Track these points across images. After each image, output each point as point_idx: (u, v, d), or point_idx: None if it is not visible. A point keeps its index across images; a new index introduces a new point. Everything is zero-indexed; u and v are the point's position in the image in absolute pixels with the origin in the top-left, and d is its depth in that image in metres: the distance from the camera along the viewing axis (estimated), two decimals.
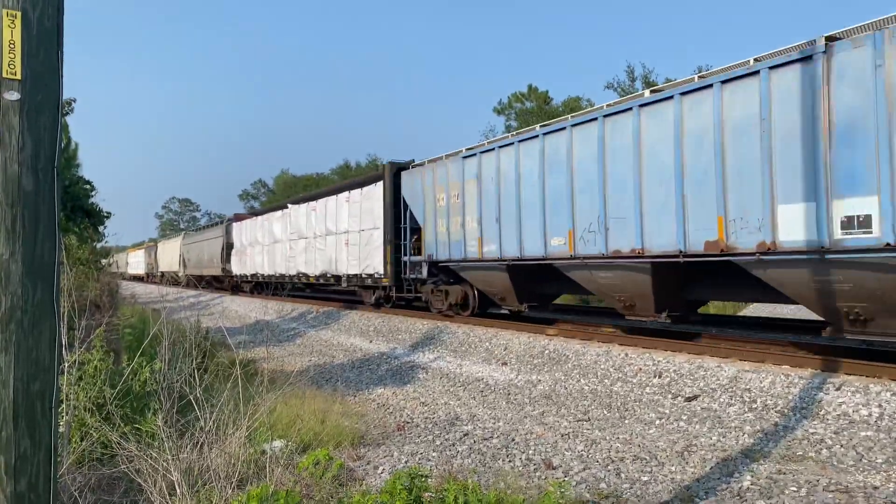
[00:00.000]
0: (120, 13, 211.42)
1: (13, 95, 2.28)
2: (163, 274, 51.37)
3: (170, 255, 47.97)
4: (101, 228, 16.46)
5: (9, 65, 2.28)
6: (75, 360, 5.22)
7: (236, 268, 30.50)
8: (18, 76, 2.29)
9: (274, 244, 25.22)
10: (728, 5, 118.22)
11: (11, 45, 2.28)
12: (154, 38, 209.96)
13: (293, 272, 23.12)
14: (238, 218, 32.70)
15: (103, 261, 17.77)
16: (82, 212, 14.52)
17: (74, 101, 13.90)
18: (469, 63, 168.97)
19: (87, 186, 15.14)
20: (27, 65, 2.31)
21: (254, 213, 33.09)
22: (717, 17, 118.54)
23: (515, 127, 39.76)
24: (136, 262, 68.48)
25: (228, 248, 32.10)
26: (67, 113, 13.59)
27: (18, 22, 2.29)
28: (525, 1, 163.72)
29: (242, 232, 29.98)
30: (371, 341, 14.14)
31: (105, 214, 15.97)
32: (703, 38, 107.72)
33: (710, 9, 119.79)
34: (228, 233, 32.60)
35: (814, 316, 10.29)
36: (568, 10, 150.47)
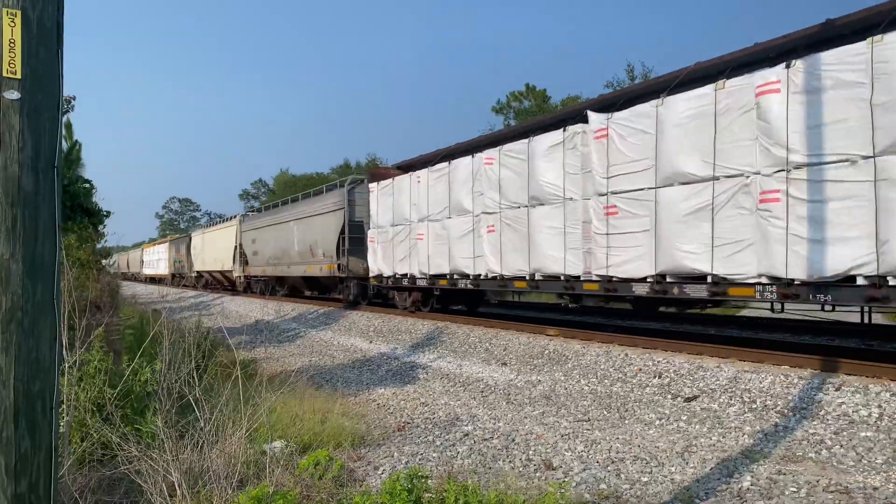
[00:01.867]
0: (119, 12, 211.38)
1: (13, 95, 2.27)
2: (200, 274, 38.81)
3: (217, 247, 33.91)
4: (101, 227, 16.45)
5: (9, 64, 2.27)
6: (76, 361, 5.21)
7: (378, 263, 16.56)
8: (18, 75, 2.28)
9: (517, 209, 11.65)
10: (728, 3, 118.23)
11: (11, 44, 2.27)
12: (153, 37, 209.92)
13: (642, 272, 9.23)
14: (377, 175, 17.54)
15: (105, 261, 17.74)
16: (82, 210, 14.50)
17: (74, 98, 13.87)
18: (469, 62, 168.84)
19: (87, 185, 15.12)
20: (27, 64, 2.30)
21: (405, 166, 17.17)
22: (717, 15, 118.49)
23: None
24: (154, 261, 54.84)
25: (353, 229, 18.81)
26: (67, 111, 13.60)
27: (18, 21, 2.28)
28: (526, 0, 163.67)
29: (400, 196, 15.56)
30: (371, 341, 14.14)
31: (105, 213, 15.95)
32: (704, 36, 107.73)
33: (710, 7, 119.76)
34: (353, 202, 19.08)
35: (817, 317, 10.30)
36: (568, 9, 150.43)
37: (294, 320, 19.82)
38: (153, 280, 54.92)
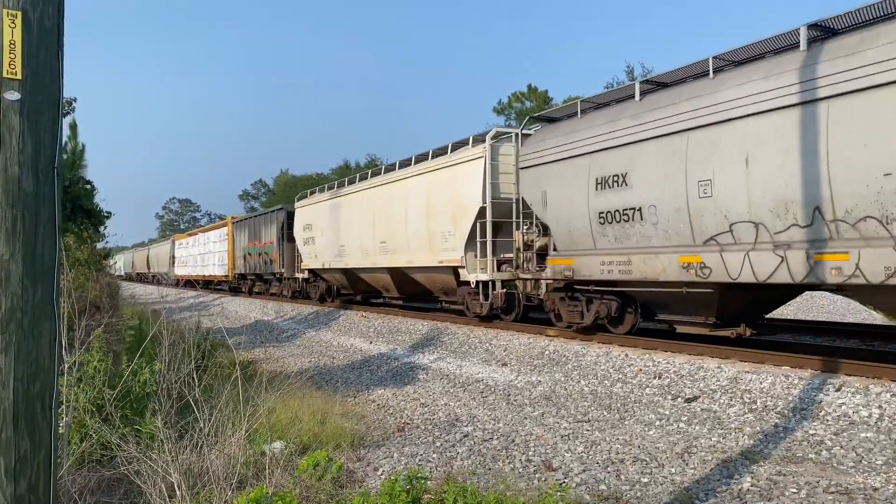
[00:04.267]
0: (121, 13, 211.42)
1: (13, 95, 2.27)
2: (316, 276, 21.90)
3: (383, 220, 16.59)
4: (101, 229, 16.44)
5: (9, 65, 2.27)
6: (75, 361, 5.21)
7: None
8: (19, 76, 2.29)
9: None
10: (727, 3, 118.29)
11: (12, 45, 2.28)
12: (154, 38, 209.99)
13: None
14: None
15: (109, 261, 17.69)
16: (83, 212, 14.50)
17: (75, 100, 13.87)
18: (468, 63, 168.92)
19: (88, 186, 15.12)
20: (27, 65, 2.30)
21: None
22: (716, 15, 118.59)
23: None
24: (196, 257, 37.21)
25: None
26: (68, 113, 13.60)
27: (19, 22, 2.28)
28: (525, 0, 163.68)
29: None
30: (371, 342, 14.14)
31: (105, 214, 15.94)
32: (703, 36, 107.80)
33: (710, 7, 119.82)
34: None
35: (811, 316, 10.29)
36: (568, 10, 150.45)
37: (294, 320, 19.81)
38: (188, 283, 38.83)
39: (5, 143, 2.26)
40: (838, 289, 7.59)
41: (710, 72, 8.72)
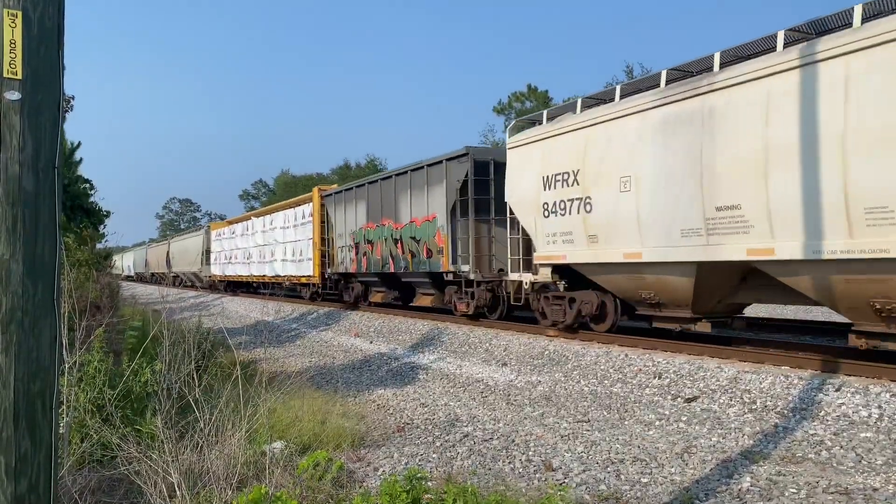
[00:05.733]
0: (120, 12, 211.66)
1: (14, 95, 2.28)
2: (586, 290, 10.36)
3: None
4: (100, 228, 16.49)
5: (9, 64, 2.27)
6: (75, 361, 5.21)
7: None
8: (19, 76, 2.29)
9: None
10: (727, 4, 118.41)
11: (12, 45, 2.28)
12: (154, 38, 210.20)
13: None
14: None
15: (113, 259, 17.72)
16: (82, 211, 14.54)
17: (73, 98, 13.92)
18: (468, 63, 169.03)
19: (87, 185, 15.16)
20: (28, 64, 2.31)
21: None
22: (715, 15, 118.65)
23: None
24: (247, 251, 26.92)
25: None
26: (67, 111, 13.62)
27: (19, 21, 2.29)
28: (524, 0, 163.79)
29: None
30: (371, 342, 14.14)
31: (104, 213, 15.98)
32: (702, 37, 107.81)
33: (708, 8, 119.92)
34: None
35: (811, 316, 10.26)
36: (567, 9, 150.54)
37: (294, 321, 19.81)
38: (242, 288, 28.96)
39: (5, 143, 2.27)
40: None
41: None
